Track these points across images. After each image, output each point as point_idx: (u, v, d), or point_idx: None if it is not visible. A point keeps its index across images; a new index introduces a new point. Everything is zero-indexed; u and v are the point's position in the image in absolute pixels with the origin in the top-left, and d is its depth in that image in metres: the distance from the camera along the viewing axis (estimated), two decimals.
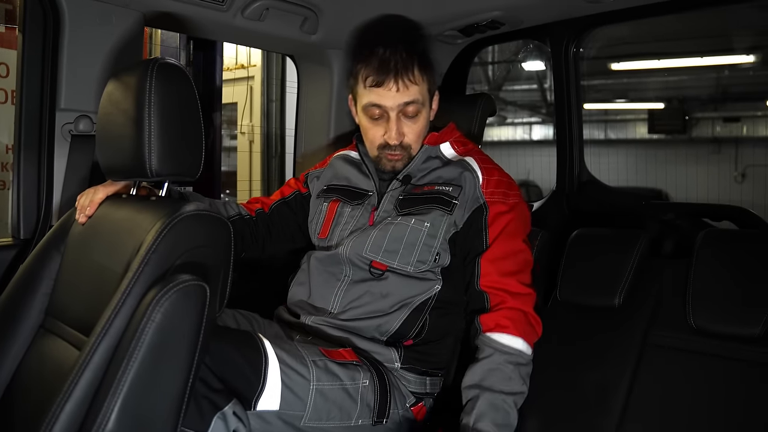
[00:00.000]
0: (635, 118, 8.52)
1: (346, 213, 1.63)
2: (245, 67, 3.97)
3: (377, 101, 1.52)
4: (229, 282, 1.23)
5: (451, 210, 1.53)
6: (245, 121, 4.29)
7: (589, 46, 2.53)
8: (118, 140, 1.25)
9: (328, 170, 1.76)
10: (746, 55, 6.65)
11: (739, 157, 7.15)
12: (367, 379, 1.42)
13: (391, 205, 1.58)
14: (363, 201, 1.63)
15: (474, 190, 1.54)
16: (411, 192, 1.57)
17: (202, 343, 1.10)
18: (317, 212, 1.70)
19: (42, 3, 1.57)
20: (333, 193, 1.68)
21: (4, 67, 2.65)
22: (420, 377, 1.54)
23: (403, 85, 1.51)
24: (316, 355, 1.38)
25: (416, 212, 1.54)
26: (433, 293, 1.53)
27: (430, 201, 1.54)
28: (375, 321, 1.50)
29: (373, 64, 1.51)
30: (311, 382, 1.32)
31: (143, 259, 1.08)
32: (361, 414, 1.40)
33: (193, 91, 1.24)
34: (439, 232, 1.52)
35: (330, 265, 1.58)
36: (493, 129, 8.96)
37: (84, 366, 1.03)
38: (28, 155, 1.62)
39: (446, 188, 1.55)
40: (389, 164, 1.60)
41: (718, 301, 1.44)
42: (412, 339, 1.53)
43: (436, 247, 1.52)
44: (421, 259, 1.52)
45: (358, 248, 1.53)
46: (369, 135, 1.59)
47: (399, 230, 1.52)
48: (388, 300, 1.51)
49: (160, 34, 2.74)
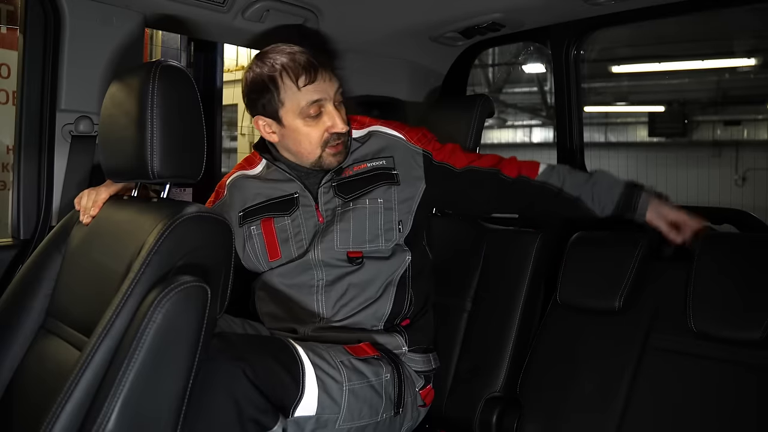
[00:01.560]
0: (636, 121, 8.52)
1: (288, 225, 1.55)
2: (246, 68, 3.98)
3: (317, 96, 1.46)
4: (230, 283, 1.23)
5: (395, 179, 1.55)
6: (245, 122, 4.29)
7: (590, 49, 2.53)
8: (120, 142, 1.25)
9: (228, 198, 1.65)
10: (747, 58, 6.66)
11: (740, 161, 7.15)
12: (389, 372, 1.44)
13: (329, 195, 1.55)
14: (296, 205, 1.56)
15: (406, 150, 1.59)
16: (341, 177, 1.56)
17: (202, 344, 1.10)
18: (249, 240, 1.58)
19: (43, 4, 1.57)
20: (256, 215, 1.59)
21: (5, 68, 2.65)
22: (424, 356, 1.57)
23: (332, 73, 1.50)
24: (343, 355, 1.39)
25: (363, 193, 1.54)
26: (407, 264, 1.56)
27: (371, 180, 1.55)
28: (369, 310, 1.51)
29: (297, 63, 1.46)
30: (344, 383, 1.34)
31: (144, 260, 1.08)
32: (386, 408, 1.43)
33: (196, 94, 1.24)
34: (394, 203, 1.54)
35: (296, 276, 1.53)
36: (493, 131, 8.97)
37: (84, 366, 1.03)
38: (28, 156, 1.62)
39: (378, 162, 1.56)
40: (334, 159, 1.53)
41: (718, 305, 1.43)
42: (408, 318, 1.55)
43: (396, 217, 1.54)
44: (387, 236, 1.53)
45: (328, 247, 1.51)
46: (309, 137, 1.49)
47: (358, 215, 1.52)
48: (373, 285, 1.51)
49: (161, 35, 2.75)
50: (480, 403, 1.64)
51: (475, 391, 1.67)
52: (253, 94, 1.50)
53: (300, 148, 1.52)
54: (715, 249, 1.50)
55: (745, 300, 1.40)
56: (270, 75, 1.47)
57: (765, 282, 1.40)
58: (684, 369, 1.44)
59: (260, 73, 1.48)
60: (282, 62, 1.46)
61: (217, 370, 1.17)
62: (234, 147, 4.65)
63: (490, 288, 1.75)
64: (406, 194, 1.57)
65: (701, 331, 1.43)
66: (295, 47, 1.50)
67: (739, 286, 1.42)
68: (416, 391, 1.54)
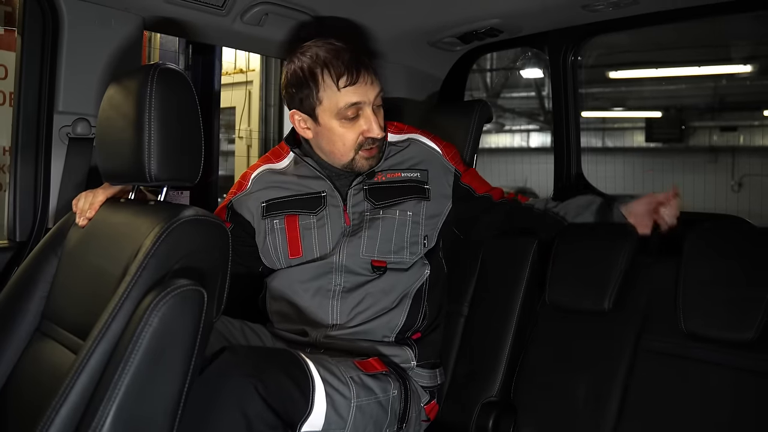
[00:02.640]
0: (633, 127, 8.55)
1: (313, 223, 1.53)
2: (244, 71, 3.97)
3: (356, 99, 1.43)
4: (227, 287, 1.22)
5: (426, 195, 1.56)
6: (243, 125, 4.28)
7: (587, 55, 2.54)
8: (117, 144, 1.24)
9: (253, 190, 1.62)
10: (743, 64, 6.68)
11: (736, 167, 7.17)
12: (396, 389, 1.42)
13: (359, 198, 1.54)
14: (324, 204, 1.54)
15: (441, 165, 1.60)
16: (374, 181, 1.54)
17: (198, 347, 1.09)
18: (270, 234, 1.56)
19: (41, 5, 1.57)
20: (280, 209, 1.56)
21: (2, 69, 2.64)
22: (431, 371, 1.57)
23: (374, 76, 1.46)
24: (352, 370, 1.36)
25: (394, 203, 1.53)
26: (426, 277, 1.56)
27: (403, 191, 1.55)
28: (383, 319, 1.49)
29: (341, 62, 1.42)
30: (352, 399, 1.31)
31: (141, 263, 1.08)
32: (390, 423, 1.41)
33: (194, 97, 1.24)
34: (422, 218, 1.55)
35: (314, 279, 1.51)
36: (490, 136, 8.98)
37: (80, 370, 1.03)
38: (25, 157, 1.62)
39: (413, 174, 1.57)
40: (367, 163, 1.51)
41: (709, 306, 1.42)
42: (419, 331, 1.54)
43: (422, 232, 1.55)
44: (412, 249, 1.54)
45: (354, 253, 1.50)
46: (344, 139, 1.47)
47: (387, 224, 1.52)
48: (390, 295, 1.51)
49: (159, 38, 2.74)
50: (476, 408, 1.64)
51: (471, 395, 1.66)
52: (292, 88, 1.47)
53: (333, 148, 1.50)
54: (703, 245, 1.48)
55: (736, 299, 1.39)
56: (311, 70, 1.44)
57: (756, 279, 1.39)
58: (676, 371, 1.44)
59: (301, 67, 1.45)
60: (324, 58, 1.43)
61: (228, 385, 1.15)
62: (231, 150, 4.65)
63: (487, 293, 1.75)
64: (434, 210, 1.58)
65: (692, 332, 1.42)
66: (339, 43, 1.46)
67: (730, 284, 1.41)
68: (421, 406, 1.53)
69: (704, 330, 1.41)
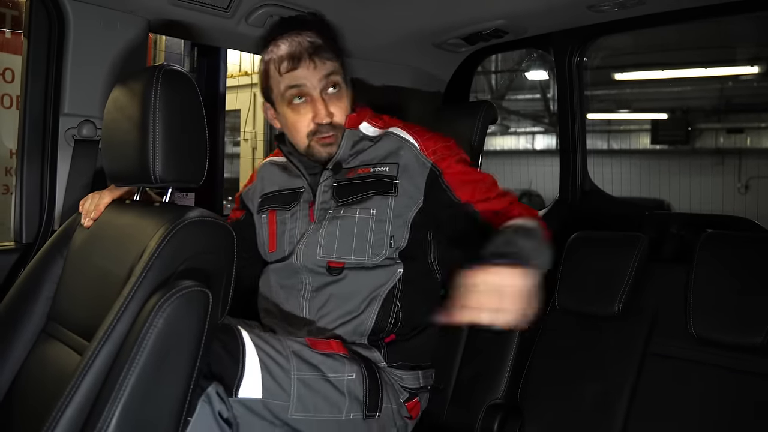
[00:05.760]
0: (638, 129, 8.53)
1: (286, 219, 1.56)
2: (249, 74, 3.98)
3: (295, 82, 1.46)
4: (232, 288, 1.22)
5: (393, 191, 1.48)
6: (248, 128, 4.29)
7: (593, 56, 2.53)
8: (122, 146, 1.25)
9: (258, 183, 1.69)
10: (750, 66, 6.66)
11: (743, 169, 7.15)
12: (354, 372, 1.39)
13: (327, 195, 1.52)
14: (297, 200, 1.56)
15: (415, 159, 1.49)
16: (345, 178, 1.52)
17: (203, 349, 1.09)
18: (260, 228, 1.63)
19: (47, 8, 1.58)
20: (268, 204, 1.62)
21: (9, 73, 2.66)
22: (412, 372, 1.51)
23: (319, 60, 1.46)
24: (298, 345, 1.35)
25: (357, 200, 1.49)
26: (397, 278, 1.49)
27: (369, 186, 1.49)
28: (350, 324, 1.46)
29: (283, 51, 1.46)
30: (291, 371, 1.30)
31: (146, 265, 1.08)
32: (351, 408, 1.38)
33: (198, 98, 1.24)
34: (388, 216, 1.48)
35: (287, 278, 1.53)
36: (495, 138, 8.98)
37: (85, 371, 1.03)
38: (31, 159, 1.62)
39: (382, 168, 1.50)
40: (324, 150, 1.51)
41: (718, 310, 1.42)
42: (394, 333, 1.49)
43: (388, 231, 1.48)
44: (376, 250, 1.47)
45: (311, 253, 1.49)
46: (296, 126, 1.49)
47: (346, 224, 1.48)
48: (355, 299, 1.47)
49: (165, 40, 2.75)
50: (481, 410, 1.64)
51: (476, 398, 1.66)
52: (261, 81, 1.55)
53: (292, 135, 1.54)
54: (714, 250, 1.48)
55: (745, 304, 1.38)
56: (266, 61, 1.52)
57: (766, 284, 1.39)
58: (685, 375, 1.43)
59: (262, 59, 1.53)
60: (273, 48, 1.50)
61: None
62: (237, 152, 4.66)
63: None
64: (402, 207, 1.49)
65: (702, 337, 1.42)
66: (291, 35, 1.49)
67: (740, 289, 1.41)
68: (401, 401, 1.49)
69: (713, 334, 1.41)
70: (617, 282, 1.57)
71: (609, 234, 1.70)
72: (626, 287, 1.56)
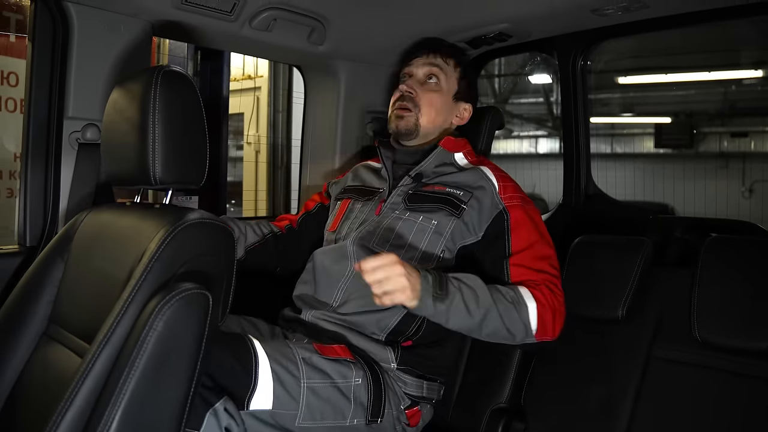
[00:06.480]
0: (642, 132, 8.52)
1: (356, 209, 1.68)
2: (252, 77, 3.99)
3: (406, 70, 1.74)
4: (232, 290, 1.22)
5: (459, 213, 1.54)
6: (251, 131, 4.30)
7: (597, 60, 2.53)
8: (122, 148, 1.25)
9: (347, 177, 1.84)
10: (754, 69, 6.65)
11: (747, 173, 7.13)
12: (360, 377, 1.41)
13: (399, 198, 1.61)
14: (373, 197, 1.68)
15: (492, 198, 1.56)
16: (420, 189, 1.60)
17: (204, 351, 1.09)
18: (332, 211, 1.76)
19: (51, 12, 1.58)
20: (347, 193, 1.76)
21: (13, 77, 2.66)
22: (417, 380, 1.53)
23: (432, 56, 1.71)
24: (307, 352, 1.38)
25: (424, 209, 1.56)
26: None
27: (439, 201, 1.56)
28: (374, 315, 1.50)
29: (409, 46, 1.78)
30: (301, 379, 1.32)
31: (146, 267, 1.08)
32: (356, 413, 1.40)
33: (198, 98, 1.24)
34: (446, 232, 1.53)
35: (336, 260, 1.58)
36: (499, 142, 8.97)
37: (85, 374, 1.03)
38: (35, 163, 1.63)
39: (457, 191, 1.57)
40: (394, 123, 1.68)
41: (723, 314, 1.42)
42: (411, 339, 1.52)
43: (441, 245, 1.53)
44: (425, 257, 1.52)
45: (365, 241, 1.55)
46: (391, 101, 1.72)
47: (407, 226, 1.55)
48: None
49: (168, 43, 2.76)
50: (486, 414, 1.63)
51: (481, 402, 1.66)
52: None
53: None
54: (718, 254, 1.47)
55: (750, 308, 1.38)
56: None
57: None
58: (689, 380, 1.43)
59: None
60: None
61: None
62: (240, 156, 4.66)
63: None
64: (460, 231, 1.54)
65: (706, 341, 1.41)
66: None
67: (744, 293, 1.40)
68: (401, 408, 1.50)
69: (718, 338, 1.40)
70: (621, 286, 1.57)
71: (613, 238, 1.70)
72: (630, 291, 1.56)
